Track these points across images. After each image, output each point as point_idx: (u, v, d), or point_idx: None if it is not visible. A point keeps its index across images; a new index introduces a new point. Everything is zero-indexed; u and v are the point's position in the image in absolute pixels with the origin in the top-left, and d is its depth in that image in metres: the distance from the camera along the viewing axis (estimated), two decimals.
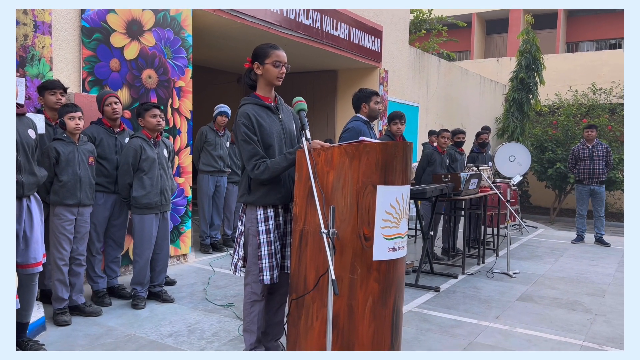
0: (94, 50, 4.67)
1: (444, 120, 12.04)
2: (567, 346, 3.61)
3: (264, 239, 2.86)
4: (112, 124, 4.22)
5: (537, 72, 12.82)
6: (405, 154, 2.75)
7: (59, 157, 3.66)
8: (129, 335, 3.56)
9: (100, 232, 4.22)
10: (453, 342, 3.62)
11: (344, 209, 2.61)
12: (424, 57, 11.31)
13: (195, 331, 3.68)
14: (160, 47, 5.24)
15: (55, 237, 3.71)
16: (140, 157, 4.07)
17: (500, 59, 17.29)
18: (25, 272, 3.09)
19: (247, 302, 2.97)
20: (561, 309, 4.49)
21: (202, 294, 4.55)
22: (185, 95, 5.55)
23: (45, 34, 4.30)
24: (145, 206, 4.11)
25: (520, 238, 8.21)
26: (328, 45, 7.96)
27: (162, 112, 4.18)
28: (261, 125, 2.84)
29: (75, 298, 3.89)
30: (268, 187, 2.86)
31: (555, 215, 13.99)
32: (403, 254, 2.78)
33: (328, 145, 2.67)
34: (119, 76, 4.88)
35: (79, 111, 3.74)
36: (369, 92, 4.46)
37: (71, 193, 3.70)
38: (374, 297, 2.65)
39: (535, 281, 5.42)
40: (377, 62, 9.40)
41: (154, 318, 3.92)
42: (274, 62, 2.84)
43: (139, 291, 4.20)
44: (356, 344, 2.64)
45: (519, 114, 12.88)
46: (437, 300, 4.62)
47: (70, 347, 3.33)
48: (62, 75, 4.44)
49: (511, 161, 10.25)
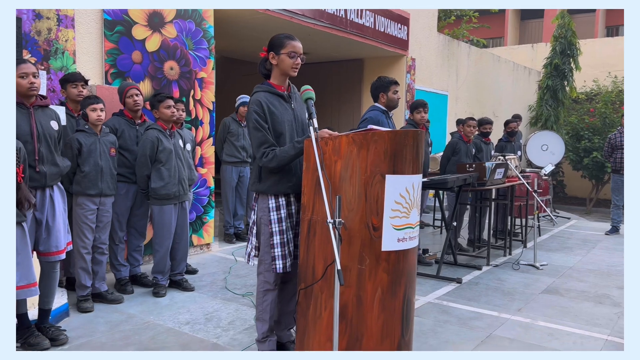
0: (116, 43, 4.75)
1: (474, 109, 11.79)
2: (590, 340, 3.49)
3: (276, 228, 2.86)
4: (133, 116, 4.28)
5: (573, 58, 12.39)
6: (416, 143, 2.69)
7: (81, 148, 3.75)
8: (147, 323, 3.63)
9: (122, 222, 4.30)
10: (470, 334, 3.55)
11: (352, 199, 2.58)
12: (454, 44, 11.07)
13: (212, 319, 3.73)
14: (181, 39, 5.29)
15: (78, 226, 3.80)
16: (157, 149, 4.11)
17: (535, 45, 16.78)
18: (47, 260, 3.19)
19: (260, 291, 2.98)
20: (588, 302, 4.35)
21: (223, 283, 4.61)
22: (207, 87, 5.59)
23: (68, 27, 4.39)
24: (164, 197, 4.16)
25: (551, 229, 7.99)
26: (353, 34, 7.88)
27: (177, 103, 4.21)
28: (273, 113, 2.83)
29: (98, 285, 3.99)
30: (279, 176, 2.86)
31: (592, 206, 13.57)
32: (414, 244, 2.73)
33: (336, 135, 2.64)
34: (141, 68, 4.95)
35: (101, 103, 3.81)
36: (388, 81, 4.39)
37: (93, 183, 3.78)
38: (383, 288, 2.62)
39: (563, 273, 5.27)
40: (404, 50, 9.26)
41: (174, 306, 3.99)
42: (289, 53, 2.82)
43: (159, 279, 4.27)
44: (365, 334, 2.62)
45: (553, 101, 12.49)
46: (458, 292, 4.55)
47: (90, 333, 3.42)
48: (85, 67, 4.53)
49: (544, 150, 9.99)
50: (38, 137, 3.06)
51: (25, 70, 3.02)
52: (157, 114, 4.16)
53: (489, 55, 12.60)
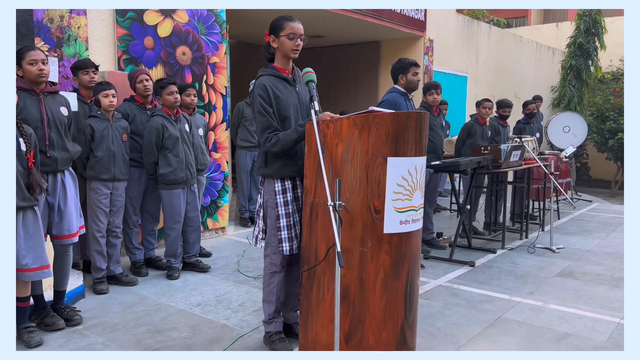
0: (128, 29, 4.79)
1: (495, 91, 11.58)
2: (602, 323, 3.45)
3: (283, 211, 2.88)
4: (144, 101, 4.33)
5: (598, 37, 12.03)
6: (419, 125, 2.67)
7: (94, 133, 3.81)
8: (159, 305, 3.71)
9: (136, 206, 4.38)
10: (479, 317, 3.54)
11: (353, 182, 2.57)
12: (473, 25, 10.85)
13: (223, 301, 3.79)
14: (193, 24, 5.30)
15: (93, 210, 3.89)
16: (163, 136, 4.13)
17: (560, 24, 16.33)
18: (60, 243, 3.27)
19: (267, 273, 3.01)
20: (604, 285, 4.28)
21: (235, 266, 4.67)
22: (220, 71, 5.61)
23: (80, 14, 4.44)
24: (172, 182, 4.20)
25: (571, 212, 7.86)
26: (369, 16, 7.79)
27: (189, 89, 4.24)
28: (278, 97, 2.84)
29: (113, 268, 4.08)
30: (285, 160, 2.87)
31: (617, 189, 13.26)
32: (417, 227, 2.72)
33: (337, 117, 2.63)
34: (153, 54, 4.99)
35: (113, 89, 3.87)
36: (407, 62, 4.34)
37: (106, 168, 3.86)
38: (385, 270, 2.62)
39: (579, 257, 5.19)
40: (422, 31, 9.12)
41: (186, 288, 4.07)
42: (288, 35, 2.81)
43: (173, 263, 4.35)
44: (368, 316, 2.63)
45: (576, 82, 12.18)
46: (470, 275, 4.52)
47: (104, 314, 3.52)
48: (97, 54, 4.59)
49: (565, 132, 9.78)
50: (48, 123, 3.12)
51: (34, 57, 3.07)
52: (160, 101, 4.20)
53: (510, 36, 12.32)
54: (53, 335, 3.16)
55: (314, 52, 10.89)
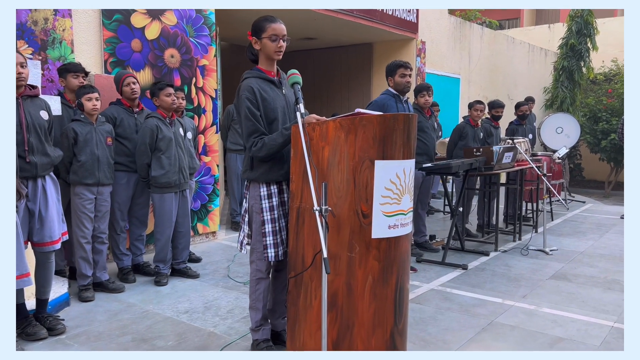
0: (115, 31, 4.72)
1: (488, 92, 11.57)
2: (595, 327, 3.40)
3: (268, 216, 2.82)
4: (131, 104, 4.26)
5: (590, 38, 12.04)
6: (408, 127, 2.61)
7: (77, 137, 3.74)
8: (146, 312, 3.64)
9: (124, 211, 4.31)
10: (472, 321, 3.48)
11: (340, 186, 2.51)
12: (466, 26, 10.84)
13: (212, 308, 3.72)
14: (182, 26, 5.24)
15: (77, 216, 3.81)
16: (157, 137, 4.10)
17: (552, 25, 16.35)
18: (41, 250, 3.19)
19: (253, 279, 2.95)
20: (597, 288, 4.24)
21: (225, 271, 4.60)
22: (210, 74, 5.55)
23: (65, 16, 4.37)
24: (164, 185, 4.15)
25: (564, 213, 7.83)
26: (360, 18, 7.75)
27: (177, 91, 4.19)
28: (265, 99, 2.77)
29: (99, 275, 4.01)
30: (270, 164, 2.80)
31: (611, 189, 13.27)
32: (406, 231, 2.66)
33: (324, 119, 2.57)
34: (141, 56, 4.92)
35: (96, 92, 3.79)
36: (395, 64, 4.31)
37: (90, 172, 3.78)
38: (374, 276, 2.56)
39: (573, 259, 5.14)
40: (414, 33, 9.09)
41: (174, 295, 3.99)
42: (270, 37, 2.75)
43: (161, 268, 4.28)
44: (356, 323, 2.57)
45: (568, 83, 12.19)
46: (462, 278, 4.47)
47: (89, 322, 3.44)
48: (83, 57, 4.51)
49: (558, 133, 9.77)
50: (27, 128, 3.04)
51: None
52: (157, 102, 4.14)
53: (502, 37, 12.32)
54: (35, 345, 3.08)
55: (306, 54, 10.84)
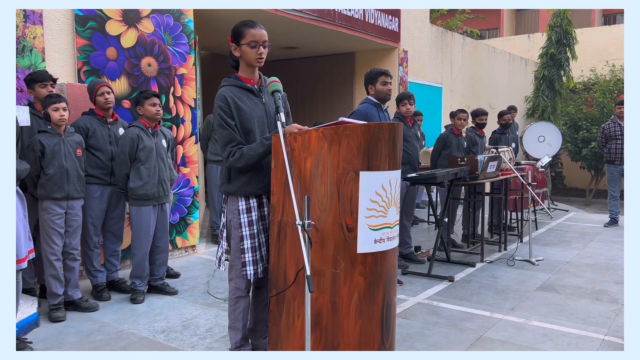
0: (89, 39, 4.55)
1: (470, 101, 11.59)
2: (586, 341, 3.31)
3: (247, 232, 2.68)
4: (104, 114, 4.10)
5: (569, 47, 12.16)
6: (393, 137, 2.51)
7: (44, 149, 3.56)
8: (120, 332, 3.45)
9: (97, 226, 4.12)
10: (460, 337, 3.37)
11: (323, 198, 2.39)
12: (447, 36, 10.86)
13: (190, 326, 3.55)
14: (159, 34, 5.09)
15: (46, 232, 3.62)
16: (137, 147, 3.96)
17: (531, 35, 16.54)
18: None
19: (232, 298, 2.81)
20: (585, 299, 4.17)
21: (205, 287, 4.43)
22: (188, 83, 5.40)
23: (36, 23, 4.20)
24: (142, 197, 3.99)
25: (548, 222, 7.80)
26: (341, 26, 7.68)
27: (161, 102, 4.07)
28: (240, 108, 2.64)
29: (71, 293, 3.81)
30: (249, 176, 2.67)
31: (592, 197, 13.36)
32: (393, 245, 2.55)
33: (306, 129, 2.45)
34: (117, 65, 4.76)
35: (63, 102, 3.62)
36: (375, 72, 4.22)
37: (58, 186, 3.60)
38: (359, 293, 2.44)
39: (559, 269, 5.08)
40: (396, 42, 9.05)
41: (151, 313, 3.81)
42: (249, 43, 2.63)
43: (137, 285, 4.10)
44: (341, 343, 2.44)
45: (549, 92, 12.28)
46: (449, 290, 4.36)
47: (59, 344, 3.25)
48: (56, 65, 4.34)
49: (540, 142, 9.78)
50: None
51: None
52: (141, 111, 4.02)
53: (484, 47, 12.39)
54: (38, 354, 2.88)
55: (288, 64, 10.74)
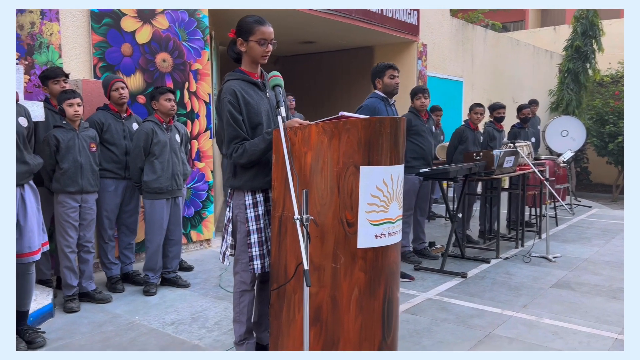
0: (104, 36, 4.63)
1: (492, 95, 11.40)
2: (598, 340, 3.24)
3: (254, 226, 2.69)
4: (119, 109, 4.16)
5: (595, 39, 11.86)
6: (395, 131, 2.48)
7: (59, 144, 3.64)
8: (131, 323, 3.52)
9: (112, 219, 4.20)
10: (468, 333, 3.34)
11: (324, 193, 2.39)
12: (468, 29, 10.70)
13: (199, 319, 3.60)
14: (174, 30, 5.14)
15: (61, 225, 3.71)
16: (152, 141, 4.02)
17: (557, 27, 16.18)
18: (21, 261, 3.07)
19: (237, 291, 2.82)
20: (600, 297, 4.08)
21: (217, 280, 4.48)
22: (203, 78, 5.44)
23: (52, 20, 4.29)
24: (155, 191, 4.06)
25: (570, 219, 7.64)
26: (359, 20, 7.64)
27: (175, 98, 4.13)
28: (248, 102, 2.65)
29: (85, 285, 3.90)
30: (255, 170, 2.68)
31: (619, 193, 13.04)
32: (395, 240, 2.53)
33: (306, 124, 2.45)
34: (132, 61, 4.82)
35: (78, 97, 3.69)
36: (383, 66, 4.19)
37: (72, 180, 3.68)
38: (360, 288, 2.43)
39: (577, 266, 4.98)
40: (415, 35, 8.96)
41: (162, 305, 3.87)
42: (258, 40, 2.63)
43: (150, 277, 4.16)
44: (342, 338, 2.44)
45: (574, 85, 12.00)
46: (461, 287, 4.32)
47: (71, 334, 3.33)
48: (72, 62, 4.42)
49: (563, 136, 9.60)
50: None
51: None
52: (156, 106, 4.09)
53: (507, 39, 12.17)
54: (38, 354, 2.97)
55: (306, 58, 10.74)
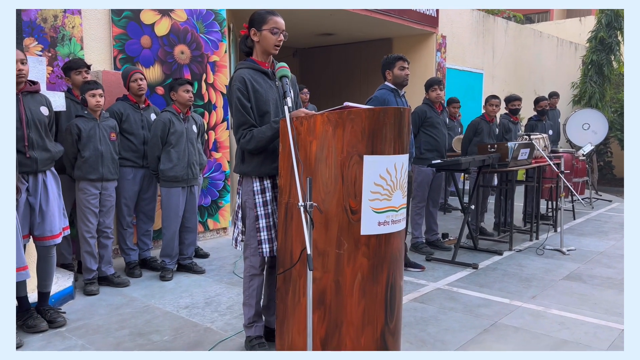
0: (124, 28, 4.76)
1: (513, 88, 11.29)
2: (605, 330, 3.26)
3: (262, 211, 2.79)
4: (137, 100, 4.29)
5: (620, 31, 11.61)
6: (399, 121, 2.54)
7: (81, 133, 3.78)
8: (147, 306, 3.66)
9: (130, 206, 4.34)
10: (474, 322, 3.38)
11: (328, 181, 2.46)
12: (489, 20, 10.60)
13: (212, 303, 3.72)
14: (192, 22, 5.25)
15: (82, 211, 3.86)
16: (169, 131, 4.15)
17: (583, 18, 15.87)
18: (42, 244, 3.23)
19: (246, 275, 2.93)
20: (612, 289, 4.07)
21: (231, 267, 4.60)
22: (220, 70, 5.55)
23: (74, 13, 4.43)
24: (172, 179, 4.18)
25: (588, 212, 7.57)
26: (377, 13, 7.65)
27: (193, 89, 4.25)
28: (257, 90, 2.74)
29: (104, 269, 4.05)
30: (262, 157, 2.77)
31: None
32: (398, 228, 2.59)
33: (312, 113, 2.52)
34: (151, 53, 4.95)
35: (100, 88, 3.83)
36: (392, 57, 4.24)
37: (93, 168, 3.82)
38: (363, 273, 2.50)
39: (590, 259, 4.96)
40: (434, 27, 8.93)
41: (177, 290, 4.01)
42: (271, 29, 2.71)
43: (167, 263, 4.30)
44: (345, 321, 2.51)
45: (597, 77, 11.79)
46: (471, 277, 4.35)
47: (90, 315, 3.48)
48: (93, 53, 4.57)
49: (585, 129, 9.47)
50: (27, 123, 3.08)
51: None
52: (174, 97, 4.21)
53: (529, 31, 12.00)
54: (34, 337, 3.13)
55: (325, 50, 10.78)
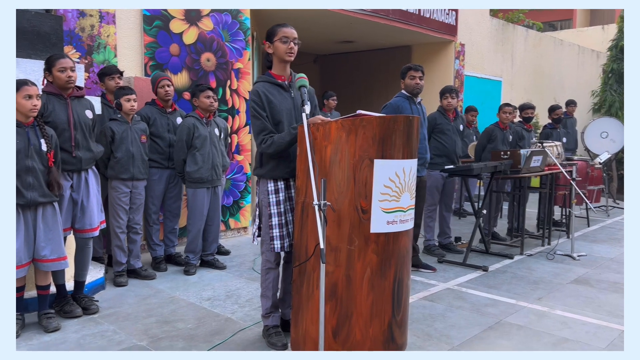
0: (155, 37, 5.06)
1: (532, 95, 11.37)
2: (605, 331, 3.40)
3: (275, 210, 3.03)
4: (164, 105, 4.57)
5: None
6: (408, 129, 2.75)
7: (114, 135, 4.08)
8: (172, 297, 3.92)
9: (157, 204, 4.62)
10: (479, 320, 3.56)
11: (341, 182, 2.68)
12: (508, 28, 10.71)
13: (232, 296, 3.96)
14: (218, 31, 5.53)
15: (113, 207, 4.15)
16: (193, 135, 4.41)
17: (606, 26, 15.83)
18: (81, 236, 3.52)
19: (263, 269, 3.16)
20: (618, 293, 4.20)
21: (251, 264, 4.84)
22: (244, 77, 5.82)
23: (110, 23, 4.74)
24: (197, 180, 4.44)
25: (604, 220, 7.64)
26: (396, 21, 7.85)
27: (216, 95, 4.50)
28: (271, 102, 3.00)
29: (133, 262, 4.33)
30: (277, 161, 3.02)
31: None
32: (405, 227, 2.80)
33: (327, 120, 2.74)
34: (179, 60, 5.24)
35: (134, 93, 4.12)
36: (405, 68, 4.48)
37: (125, 168, 4.11)
38: (372, 268, 2.71)
39: (600, 264, 5.08)
40: (452, 35, 9.09)
41: (200, 283, 4.26)
42: (281, 39, 2.97)
43: (191, 259, 4.56)
44: (355, 312, 2.72)
45: (618, 86, 11.78)
46: (481, 279, 4.52)
47: (120, 304, 3.75)
48: (125, 60, 4.87)
49: (603, 137, 9.50)
50: (74, 125, 3.38)
51: (64, 65, 3.32)
52: (196, 102, 4.46)
53: (549, 39, 12.07)
54: (70, 322, 3.41)
55: (345, 57, 11.01)
